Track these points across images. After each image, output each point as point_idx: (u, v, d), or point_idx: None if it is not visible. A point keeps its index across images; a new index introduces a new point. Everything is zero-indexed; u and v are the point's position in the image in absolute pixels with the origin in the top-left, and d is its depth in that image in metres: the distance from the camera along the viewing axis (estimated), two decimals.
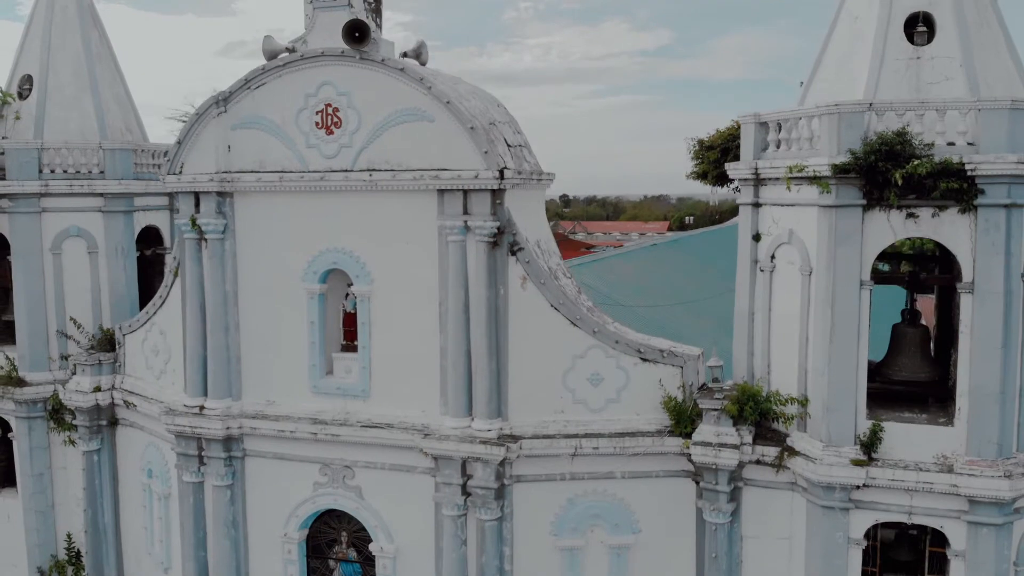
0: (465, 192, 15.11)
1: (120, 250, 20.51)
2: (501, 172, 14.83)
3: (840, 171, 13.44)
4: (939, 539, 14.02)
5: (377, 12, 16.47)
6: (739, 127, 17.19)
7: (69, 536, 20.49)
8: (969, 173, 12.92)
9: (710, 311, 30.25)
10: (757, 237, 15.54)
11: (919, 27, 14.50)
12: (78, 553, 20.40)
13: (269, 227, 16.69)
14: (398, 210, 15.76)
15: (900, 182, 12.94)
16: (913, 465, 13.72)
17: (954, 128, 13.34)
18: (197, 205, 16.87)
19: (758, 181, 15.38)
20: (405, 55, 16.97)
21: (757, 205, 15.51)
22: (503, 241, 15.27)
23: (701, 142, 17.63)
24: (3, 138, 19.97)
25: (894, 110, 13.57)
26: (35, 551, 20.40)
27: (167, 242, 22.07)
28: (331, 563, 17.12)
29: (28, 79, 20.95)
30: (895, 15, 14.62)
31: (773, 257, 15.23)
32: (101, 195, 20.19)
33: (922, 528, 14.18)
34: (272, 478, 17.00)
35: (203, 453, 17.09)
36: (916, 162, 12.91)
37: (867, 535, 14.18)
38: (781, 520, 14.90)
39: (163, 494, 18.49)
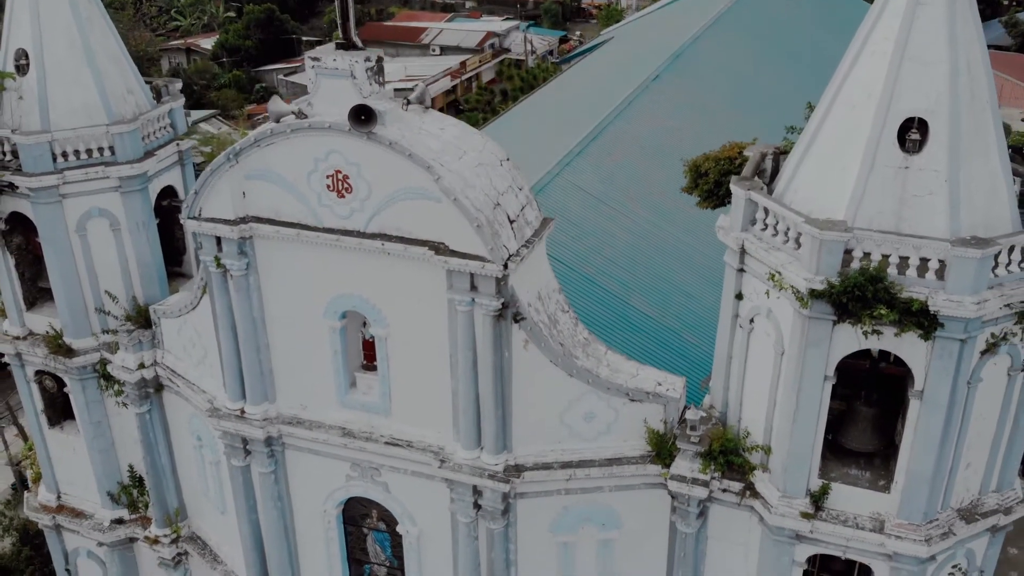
0: (472, 273, 16.29)
1: (141, 224, 21.59)
2: (505, 263, 15.94)
3: (815, 295, 14.75)
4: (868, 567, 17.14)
5: (380, 71, 16.43)
6: (738, 153, 17.95)
7: (131, 466, 23.69)
8: (932, 312, 14.28)
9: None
10: (739, 296, 16.96)
11: (912, 132, 14.87)
12: (140, 479, 23.70)
13: (289, 269, 17.91)
14: (410, 272, 16.96)
15: (869, 327, 14.38)
16: (852, 519, 16.45)
17: (928, 254, 14.45)
18: (219, 243, 17.95)
19: (743, 252, 16.50)
20: (408, 101, 17.14)
21: (741, 271, 16.76)
22: (507, 313, 16.70)
23: (696, 167, 18.23)
24: (12, 131, 20.20)
25: (874, 241, 14.57)
26: (103, 480, 23.69)
27: (181, 195, 22.94)
28: (365, 530, 20.42)
29: (23, 53, 20.61)
30: (892, 117, 14.85)
31: (752, 320, 16.80)
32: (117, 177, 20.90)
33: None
34: (309, 468, 19.75)
35: (247, 446, 19.68)
36: (883, 310, 14.22)
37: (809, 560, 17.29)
38: (740, 531, 17.90)
39: (213, 460, 21.34)
